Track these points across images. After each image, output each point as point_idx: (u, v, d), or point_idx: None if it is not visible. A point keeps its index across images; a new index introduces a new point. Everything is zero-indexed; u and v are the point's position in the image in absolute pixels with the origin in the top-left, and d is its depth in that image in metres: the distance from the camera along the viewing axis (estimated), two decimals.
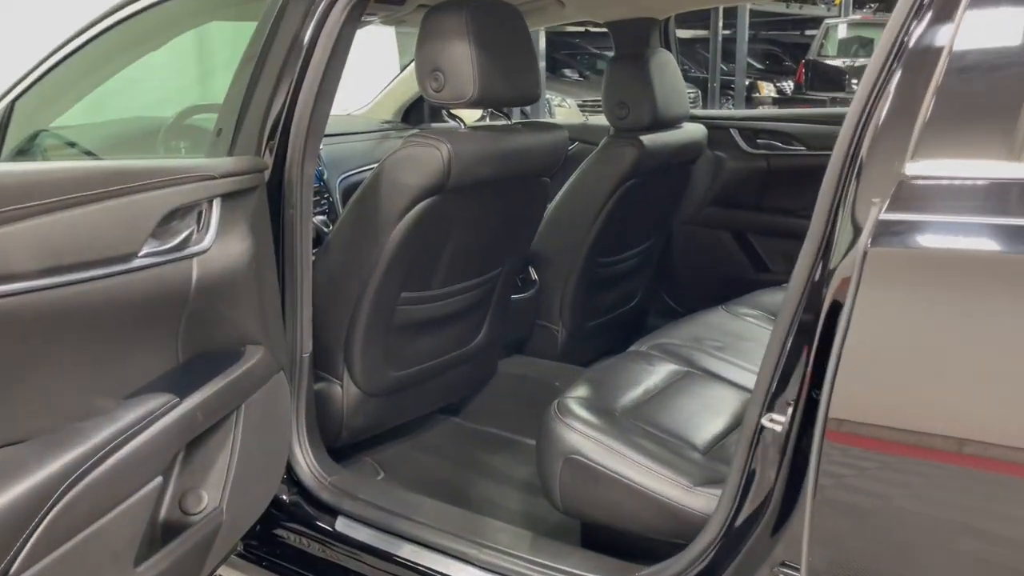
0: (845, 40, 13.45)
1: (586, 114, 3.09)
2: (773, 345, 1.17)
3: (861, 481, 1.03)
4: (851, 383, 1.00)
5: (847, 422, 1.01)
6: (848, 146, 1.09)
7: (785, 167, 2.65)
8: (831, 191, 1.11)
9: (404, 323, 1.91)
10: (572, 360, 2.58)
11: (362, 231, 1.77)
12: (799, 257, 1.15)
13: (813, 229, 1.13)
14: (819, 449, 1.01)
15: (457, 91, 1.70)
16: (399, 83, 3.37)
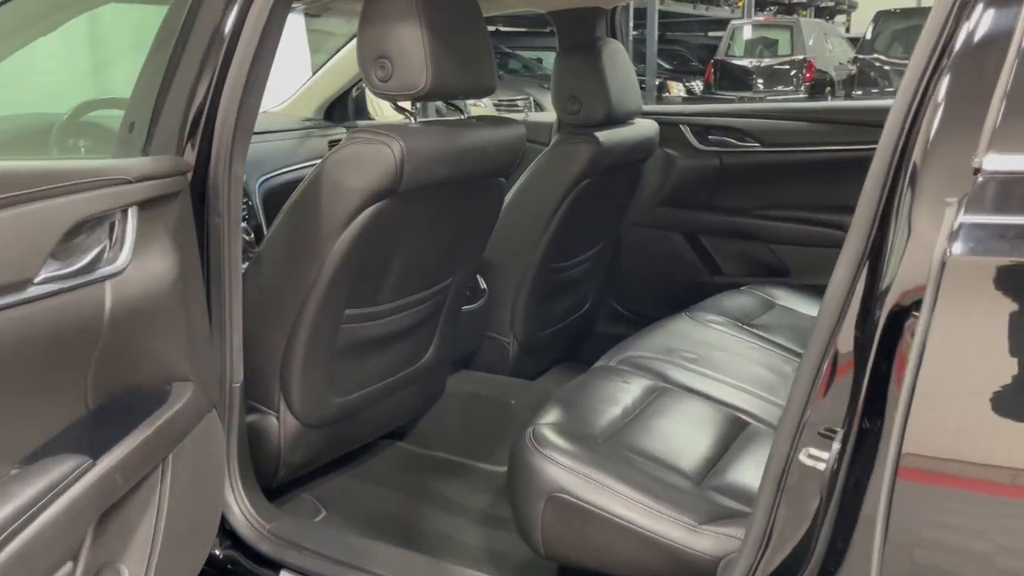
0: (751, 41, 13.75)
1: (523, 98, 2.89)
2: (805, 370, 1.02)
3: (945, 528, 0.89)
4: (930, 412, 0.85)
5: (926, 458, 0.86)
6: (896, 141, 0.95)
7: (738, 164, 2.54)
8: (876, 192, 0.96)
9: (349, 343, 1.70)
10: (523, 373, 2.40)
11: (300, 241, 1.55)
12: (836, 269, 1.00)
13: (854, 237, 0.98)
14: (890, 491, 0.86)
15: (407, 81, 1.50)
16: (321, 78, 3.13)
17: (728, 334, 1.99)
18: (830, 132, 2.40)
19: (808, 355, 1.02)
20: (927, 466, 0.87)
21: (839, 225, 2.42)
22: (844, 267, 0.99)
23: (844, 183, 2.49)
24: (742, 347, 1.94)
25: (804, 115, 2.46)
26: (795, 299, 2.31)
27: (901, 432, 0.84)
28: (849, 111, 2.43)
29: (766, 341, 2.00)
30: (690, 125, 2.58)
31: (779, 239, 2.49)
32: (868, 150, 2.39)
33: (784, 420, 1.04)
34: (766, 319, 2.15)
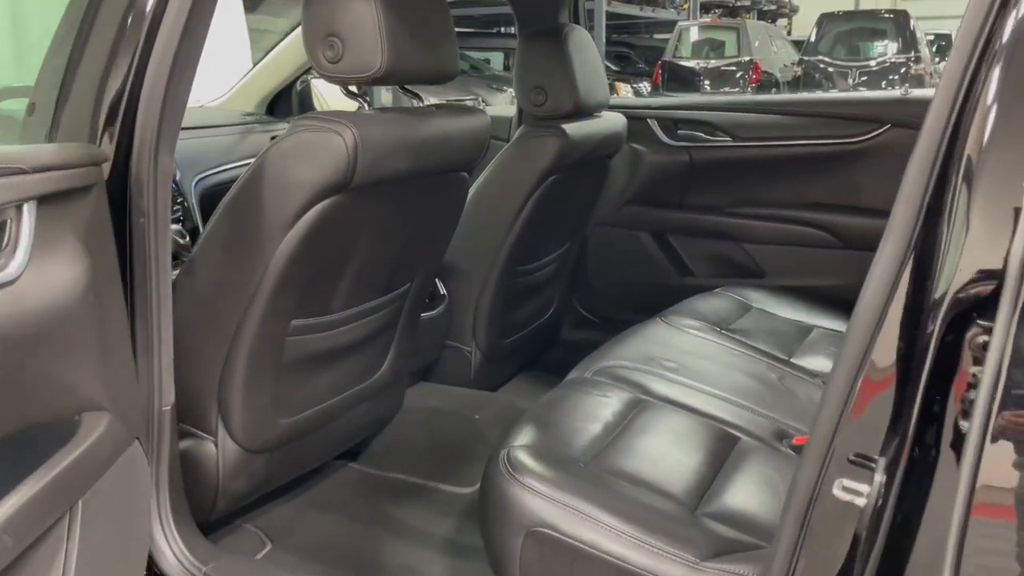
0: (698, 42, 13.81)
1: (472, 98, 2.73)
2: (835, 389, 0.88)
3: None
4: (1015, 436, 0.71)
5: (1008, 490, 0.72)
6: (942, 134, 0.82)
7: (709, 160, 2.41)
8: (919, 190, 0.83)
9: (297, 358, 1.51)
10: (486, 384, 2.24)
11: (239, 243, 1.36)
12: (870, 276, 0.86)
13: (892, 240, 0.84)
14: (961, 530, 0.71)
15: (360, 62, 1.33)
16: (263, 69, 2.92)
17: (707, 340, 1.86)
18: (805, 125, 2.29)
19: (838, 371, 0.88)
20: (1009, 500, 0.73)
21: (816, 223, 2.32)
22: (881, 273, 0.85)
23: (821, 179, 2.41)
24: (723, 354, 1.80)
25: (778, 108, 2.35)
26: (771, 301, 2.19)
27: (976, 461, 0.70)
28: (825, 103, 2.32)
29: (747, 347, 1.87)
30: (658, 119, 2.45)
31: (753, 238, 2.37)
32: (846, 144, 2.29)
33: (811, 446, 0.90)
34: (744, 323, 2.03)
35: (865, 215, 2.25)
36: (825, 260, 2.30)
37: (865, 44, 12.27)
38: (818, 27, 12.51)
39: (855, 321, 0.87)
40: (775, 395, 1.65)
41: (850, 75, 11.83)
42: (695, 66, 13.35)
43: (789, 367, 1.82)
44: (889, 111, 2.20)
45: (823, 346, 1.97)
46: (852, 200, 2.27)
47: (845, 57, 12.11)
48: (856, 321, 0.86)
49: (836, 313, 2.19)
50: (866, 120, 2.22)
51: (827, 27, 12.42)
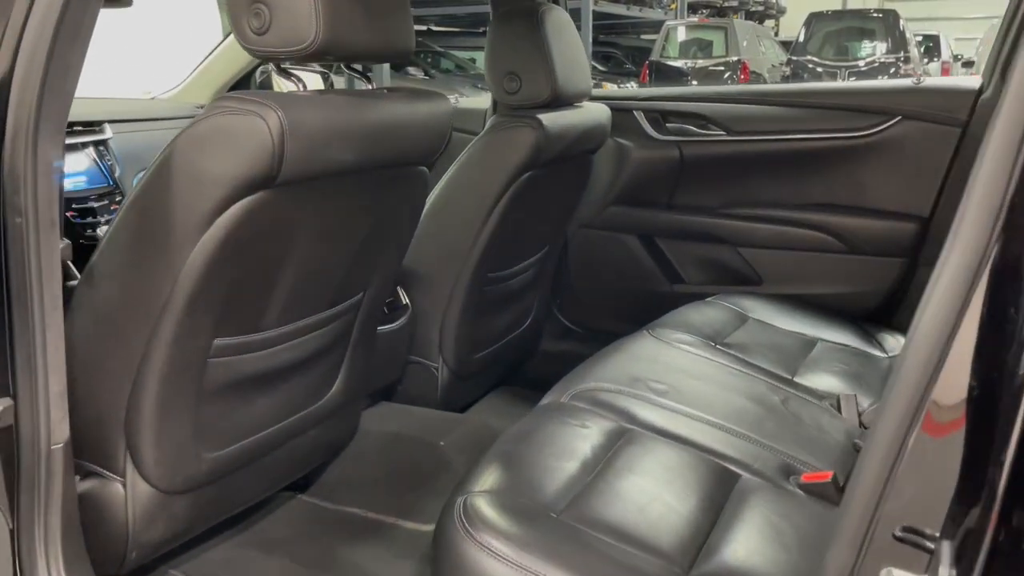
0: (685, 42, 13.67)
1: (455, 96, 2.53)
2: (880, 442, 0.67)
3: None
4: None
5: None
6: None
7: (701, 156, 2.20)
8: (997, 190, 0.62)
9: (223, 382, 1.29)
10: (455, 402, 2.02)
11: (145, 249, 1.14)
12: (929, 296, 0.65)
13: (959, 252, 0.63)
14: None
15: (290, 33, 1.12)
16: (218, 58, 2.70)
17: (700, 356, 1.65)
18: (807, 118, 2.09)
19: (884, 418, 0.67)
20: None
21: (818, 225, 2.11)
22: (945, 291, 0.64)
23: (824, 176, 2.19)
24: (719, 372, 1.59)
25: (777, 98, 2.14)
26: (770, 311, 1.99)
27: None
28: (829, 93, 2.12)
29: (745, 364, 1.66)
30: (645, 111, 2.24)
31: (749, 242, 2.17)
32: (851, 138, 2.08)
33: (846, 515, 0.69)
34: (741, 336, 1.82)
35: (872, 216, 2.05)
36: (828, 266, 2.10)
37: (854, 44, 12.15)
38: (806, 27, 12.38)
39: (909, 352, 0.66)
40: (779, 421, 1.44)
41: (839, 75, 11.69)
42: (683, 66, 13.20)
43: (793, 387, 1.61)
44: (900, 101, 2.00)
45: (829, 362, 1.77)
46: (858, 200, 2.06)
47: (834, 57, 11.99)
48: (910, 352, 0.65)
49: (841, 324, 1.98)
50: (874, 112, 2.01)
51: (816, 27, 12.30)
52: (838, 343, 1.89)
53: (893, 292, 2.05)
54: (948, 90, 1.99)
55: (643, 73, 13.50)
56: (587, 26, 12.42)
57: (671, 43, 13.65)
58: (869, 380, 1.72)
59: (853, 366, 1.77)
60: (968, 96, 1.93)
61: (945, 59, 15.73)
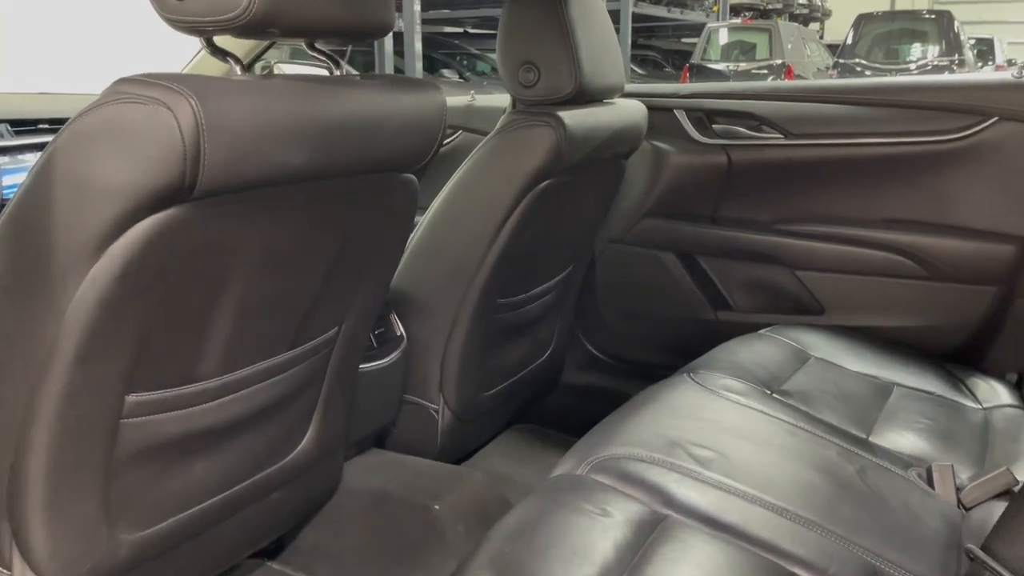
0: (727, 45, 13.32)
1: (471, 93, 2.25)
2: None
3: None
4: None
5: None
6: None
7: (753, 162, 1.88)
8: None
9: (142, 447, 1.01)
10: (459, 448, 1.73)
11: (22, 281, 0.87)
12: None
13: None
14: None
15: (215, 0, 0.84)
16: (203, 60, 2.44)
17: (753, 410, 1.34)
18: (881, 118, 1.76)
19: None
20: None
21: (893, 246, 1.78)
22: None
23: (900, 188, 1.85)
24: (777, 433, 1.28)
25: (844, 95, 1.81)
26: (835, 349, 1.67)
27: None
28: (908, 89, 1.79)
29: (809, 419, 1.35)
30: (688, 109, 1.93)
31: (808, 264, 1.84)
32: (936, 142, 1.72)
33: None
34: (802, 381, 1.51)
35: (960, 236, 1.72)
36: (904, 294, 1.77)
37: (904, 47, 11.67)
38: (855, 29, 11.93)
39: None
40: (857, 503, 1.13)
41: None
42: (724, 69, 12.83)
43: (870, 451, 1.30)
44: (996, 99, 1.67)
45: (911, 415, 1.45)
46: (943, 217, 1.73)
47: (883, 60, 11.52)
48: None
49: (920, 366, 1.66)
50: (965, 111, 1.68)
51: (864, 28, 11.85)
52: (919, 389, 1.57)
53: (984, 328, 1.71)
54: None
55: (683, 76, 13.16)
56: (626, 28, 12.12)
57: (713, 46, 13.29)
58: (963, 440, 1.39)
59: (941, 421, 1.44)
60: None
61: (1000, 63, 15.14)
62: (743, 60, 13.00)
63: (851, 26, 12.13)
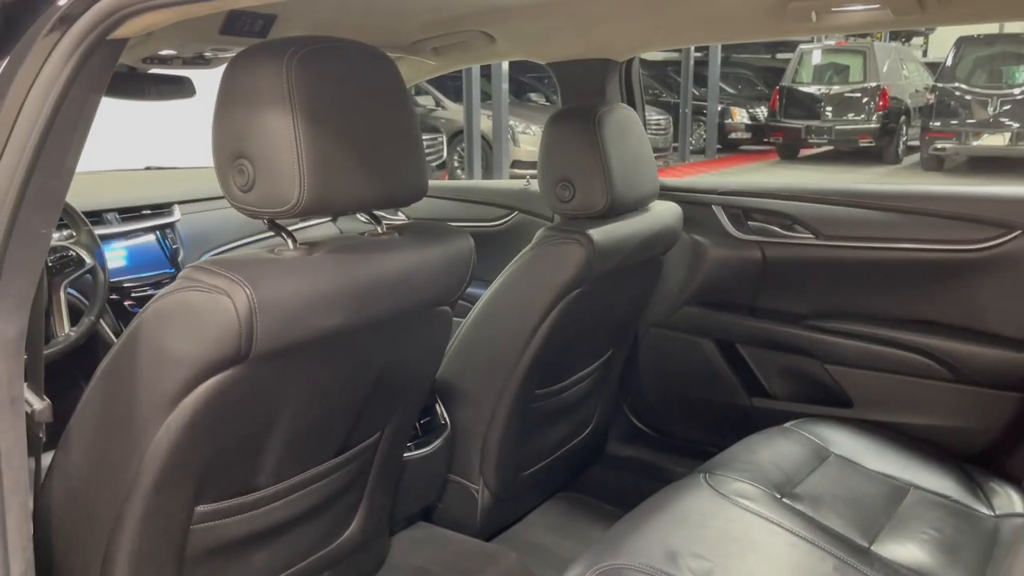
0: (819, 66, 13.07)
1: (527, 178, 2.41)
2: None
3: None
4: None
5: None
6: None
7: (786, 259, 1.98)
8: None
9: (211, 547, 1.21)
10: (498, 523, 1.88)
11: (112, 423, 1.07)
12: None
13: None
14: None
15: (274, 193, 1.02)
16: None
17: (759, 518, 1.44)
18: (910, 225, 1.83)
19: None
20: None
21: (920, 348, 1.84)
22: None
23: (929, 293, 1.90)
24: (777, 543, 1.38)
25: (876, 201, 1.89)
26: (858, 444, 1.74)
27: None
28: (937, 198, 1.85)
29: (813, 527, 1.44)
30: (724, 206, 2.04)
31: (839, 359, 1.92)
32: (962, 251, 1.81)
33: None
34: (815, 483, 1.59)
35: (985, 342, 1.77)
36: (929, 395, 1.83)
37: (1009, 70, 11.22)
38: (955, 50, 11.55)
39: None
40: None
41: (990, 103, 10.83)
42: (816, 92, 12.61)
43: (868, 563, 1.38)
44: (1020, 213, 1.72)
45: (920, 523, 1.52)
46: (969, 322, 1.79)
47: (985, 84, 11.11)
48: None
49: (941, 467, 1.72)
50: (991, 223, 1.74)
51: (965, 51, 11.45)
52: (935, 492, 1.63)
53: (1006, 433, 1.76)
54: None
55: (773, 99, 12.99)
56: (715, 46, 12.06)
57: (804, 67, 13.08)
58: (966, 552, 1.46)
59: (948, 530, 1.51)
60: None
61: None
62: (836, 82, 12.74)
63: (951, 47, 11.75)
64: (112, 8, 0.94)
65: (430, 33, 1.93)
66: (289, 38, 1.06)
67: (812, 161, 12.85)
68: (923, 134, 11.45)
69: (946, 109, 11.16)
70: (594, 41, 1.93)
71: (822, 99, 12.52)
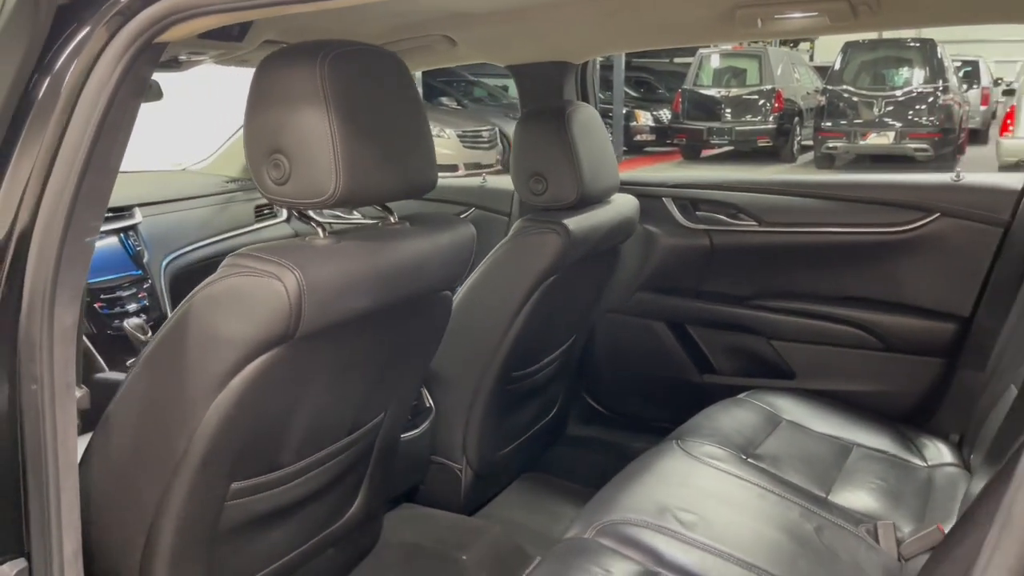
0: (719, 70, 13.60)
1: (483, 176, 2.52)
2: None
3: None
4: None
5: None
6: None
7: (732, 245, 2.16)
8: None
9: (238, 523, 1.27)
10: (479, 501, 1.99)
11: (160, 408, 1.13)
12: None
13: None
14: None
15: (311, 184, 1.10)
16: None
17: (730, 475, 1.59)
18: (841, 211, 2.03)
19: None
20: None
21: (853, 321, 2.05)
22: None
23: (859, 271, 2.12)
24: (750, 497, 1.54)
25: (810, 190, 2.09)
26: (804, 411, 1.93)
27: None
28: (864, 187, 2.06)
29: (777, 482, 1.61)
30: (675, 198, 2.20)
31: (781, 335, 2.11)
32: (887, 233, 2.02)
33: None
34: (773, 445, 1.76)
35: (909, 314, 1.99)
36: (863, 363, 2.03)
37: (891, 73, 11.99)
38: (842, 55, 12.25)
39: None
40: (814, 559, 1.38)
41: (875, 105, 11.54)
42: (716, 94, 13.13)
43: (827, 510, 1.55)
44: (938, 198, 1.94)
45: (865, 475, 1.71)
46: (895, 296, 2.00)
47: (870, 86, 11.83)
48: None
49: (878, 427, 1.92)
50: (911, 207, 1.96)
51: (852, 55, 12.16)
52: (875, 449, 1.83)
53: (931, 394, 1.98)
54: (989, 188, 1.93)
55: (676, 102, 13.45)
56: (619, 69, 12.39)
57: (704, 71, 13.59)
58: (907, 498, 1.65)
59: (890, 480, 1.70)
60: (1011, 195, 1.87)
61: (985, 85, 15.47)
62: (735, 85, 13.30)
63: (839, 52, 12.45)
64: (166, 11, 1.00)
65: (394, 37, 2.02)
66: (316, 41, 1.14)
67: (714, 161, 13.37)
68: (815, 134, 12.09)
69: (836, 110, 11.83)
70: (552, 45, 2.06)
71: (722, 101, 13.03)
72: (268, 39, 1.78)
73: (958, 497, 1.65)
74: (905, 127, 11.30)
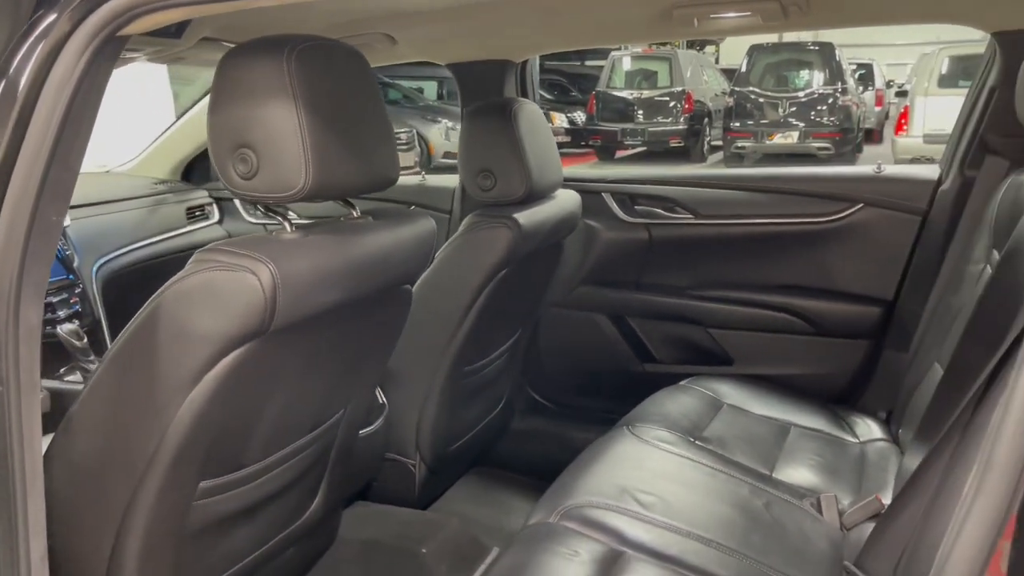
0: (631, 72, 13.86)
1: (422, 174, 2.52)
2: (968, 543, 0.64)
3: None
4: None
5: None
6: None
7: (669, 238, 2.23)
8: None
9: (205, 522, 1.25)
10: (432, 496, 2.00)
11: (128, 408, 1.11)
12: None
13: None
14: None
15: (279, 179, 1.10)
16: (178, 131, 2.65)
17: (681, 457, 1.66)
18: (772, 203, 2.13)
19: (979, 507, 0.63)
20: None
21: (785, 308, 2.15)
22: None
23: (789, 260, 2.23)
24: (701, 476, 1.60)
25: (742, 183, 2.18)
26: (743, 395, 2.01)
27: None
28: (793, 179, 2.16)
29: (725, 462, 1.68)
30: (614, 193, 2.26)
31: (718, 323, 2.20)
32: (815, 223, 2.13)
33: None
34: (718, 428, 1.84)
35: (837, 299, 2.10)
36: (796, 347, 2.14)
37: (793, 75, 12.47)
38: (748, 58, 12.67)
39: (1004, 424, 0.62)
40: (765, 532, 1.45)
41: (780, 105, 11.98)
42: (628, 96, 13.39)
43: (773, 486, 1.63)
44: (861, 189, 2.06)
45: (804, 453, 1.80)
46: (823, 283, 2.11)
47: (774, 88, 12.27)
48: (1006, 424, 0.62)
49: (811, 407, 2.02)
50: (837, 198, 2.07)
51: (757, 58, 12.59)
52: (810, 428, 1.92)
53: (859, 374, 2.09)
54: (908, 179, 2.05)
55: (590, 104, 13.66)
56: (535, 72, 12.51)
57: (617, 74, 13.83)
58: (844, 472, 1.75)
59: (827, 456, 1.80)
60: (927, 186, 2.00)
61: (879, 86, 16.26)
62: (646, 87, 13.59)
63: (745, 55, 12.88)
64: (129, 5, 0.99)
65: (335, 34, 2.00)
66: (280, 36, 1.14)
67: (628, 161, 13.64)
68: (725, 134, 12.47)
69: (743, 111, 12.23)
70: (492, 44, 2.09)
71: (635, 103, 13.29)
72: (206, 36, 1.76)
73: (890, 469, 1.75)
74: (808, 127, 11.76)
